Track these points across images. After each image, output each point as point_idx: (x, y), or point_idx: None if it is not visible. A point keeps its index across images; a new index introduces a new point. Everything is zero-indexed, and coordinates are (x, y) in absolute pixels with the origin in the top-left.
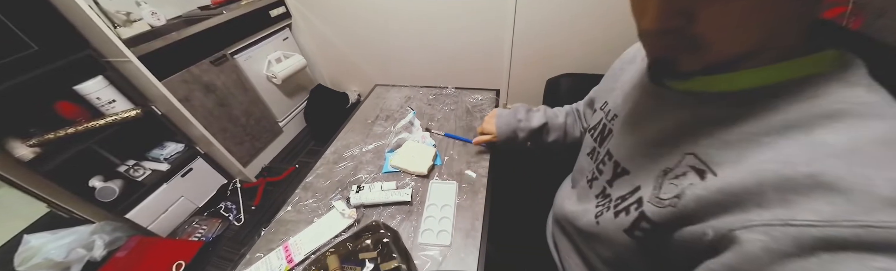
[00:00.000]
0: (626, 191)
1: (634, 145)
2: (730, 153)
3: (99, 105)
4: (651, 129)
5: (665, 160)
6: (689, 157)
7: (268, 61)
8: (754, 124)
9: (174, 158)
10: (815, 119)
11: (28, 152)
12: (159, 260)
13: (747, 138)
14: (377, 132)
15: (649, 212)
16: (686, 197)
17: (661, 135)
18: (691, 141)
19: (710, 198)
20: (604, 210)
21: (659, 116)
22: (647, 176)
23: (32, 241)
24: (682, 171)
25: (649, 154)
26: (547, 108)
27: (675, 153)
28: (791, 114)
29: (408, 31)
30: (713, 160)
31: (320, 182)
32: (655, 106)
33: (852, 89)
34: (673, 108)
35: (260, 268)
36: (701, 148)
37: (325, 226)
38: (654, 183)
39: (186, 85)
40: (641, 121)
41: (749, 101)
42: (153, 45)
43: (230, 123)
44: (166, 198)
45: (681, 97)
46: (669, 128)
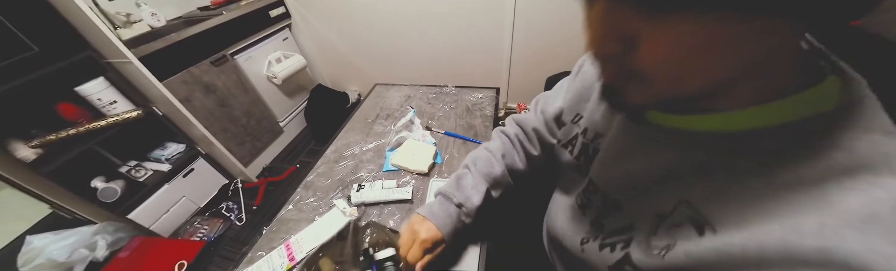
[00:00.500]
0: (619, 225)
1: (623, 179)
2: (730, 209)
3: (100, 106)
4: (638, 166)
5: (659, 203)
6: (684, 207)
7: (268, 61)
8: (755, 177)
9: (175, 159)
10: (827, 174)
11: (30, 153)
12: (161, 260)
13: (749, 193)
14: (377, 131)
15: (635, 258)
16: (676, 249)
17: (650, 175)
18: (684, 186)
19: (703, 257)
20: (591, 238)
21: (644, 154)
22: (641, 216)
23: (35, 242)
24: (679, 221)
25: (641, 192)
26: (476, 164)
27: (669, 198)
28: (799, 166)
29: (407, 31)
30: (712, 215)
31: (321, 181)
32: (637, 141)
33: (868, 135)
34: (658, 147)
35: (262, 267)
36: (696, 198)
37: (327, 225)
38: (649, 226)
39: (187, 85)
40: (626, 155)
41: (746, 147)
42: (153, 46)
43: (231, 123)
44: (168, 199)
45: (663, 134)
46: (658, 169)
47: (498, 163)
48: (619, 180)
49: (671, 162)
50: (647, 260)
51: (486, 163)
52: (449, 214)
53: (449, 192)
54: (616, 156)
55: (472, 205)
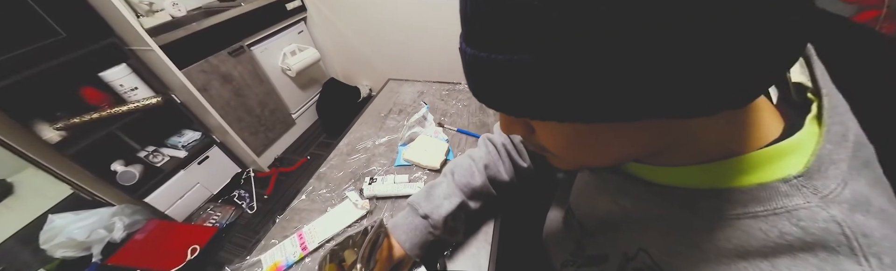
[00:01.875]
0: (595, 253)
1: (594, 215)
2: (684, 266)
3: (122, 92)
4: (602, 208)
5: (622, 244)
6: (643, 255)
7: (283, 54)
8: (708, 240)
9: (191, 146)
10: (779, 248)
11: (55, 135)
12: (175, 243)
13: (701, 256)
14: (390, 125)
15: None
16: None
17: (613, 217)
18: (643, 235)
19: None
20: (571, 263)
21: (606, 199)
22: (612, 250)
23: (57, 221)
24: (640, 267)
25: (609, 229)
26: (454, 173)
27: (631, 243)
28: (748, 236)
29: (421, 28)
30: (669, 268)
31: (334, 173)
32: (602, 182)
33: (825, 209)
34: (618, 193)
35: (275, 254)
36: (653, 248)
37: (338, 216)
38: (619, 263)
39: (205, 74)
40: (592, 194)
41: (702, 207)
42: (175, 35)
43: (245, 113)
44: (183, 184)
45: (624, 181)
46: (618, 216)
47: (479, 173)
48: (591, 215)
49: (626, 208)
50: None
51: (466, 173)
52: (414, 227)
53: (416, 202)
54: (585, 191)
55: (439, 216)
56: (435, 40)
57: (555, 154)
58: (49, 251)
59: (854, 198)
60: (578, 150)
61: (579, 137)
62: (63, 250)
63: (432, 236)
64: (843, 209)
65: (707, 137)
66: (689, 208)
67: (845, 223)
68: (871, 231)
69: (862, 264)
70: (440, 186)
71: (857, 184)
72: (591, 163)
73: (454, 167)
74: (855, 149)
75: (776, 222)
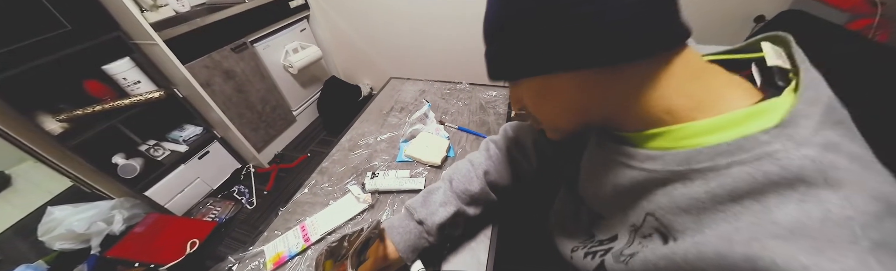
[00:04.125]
0: (606, 236)
1: (600, 195)
2: (687, 220)
3: (125, 85)
4: (609, 183)
5: (631, 215)
6: (650, 218)
7: (285, 51)
8: (704, 190)
9: (192, 140)
10: (765, 187)
11: (57, 127)
12: (174, 237)
13: (701, 205)
14: (392, 122)
15: (607, 265)
16: (637, 257)
17: (620, 189)
18: (650, 200)
19: (656, 263)
20: (581, 246)
21: (612, 171)
22: (622, 226)
23: (56, 213)
24: (648, 232)
25: (616, 205)
26: (453, 180)
27: (638, 210)
28: (738, 180)
29: (423, 27)
30: (673, 226)
31: (336, 167)
32: (606, 159)
33: (798, 150)
34: (622, 164)
35: (278, 245)
36: (660, 210)
37: (341, 209)
38: (628, 236)
39: (208, 70)
40: (598, 171)
41: (693, 163)
42: (178, 30)
43: (247, 109)
44: (183, 179)
45: (627, 152)
46: (625, 185)
47: (478, 179)
48: (599, 195)
49: (634, 177)
50: (616, 267)
51: (465, 179)
52: (408, 230)
53: (412, 207)
54: (591, 171)
55: (433, 224)
56: (436, 41)
57: (539, 120)
58: (47, 243)
59: (825, 142)
60: (545, 108)
61: (540, 96)
62: (61, 242)
63: (426, 242)
64: (815, 149)
65: (667, 101)
66: (684, 165)
67: (817, 159)
68: (840, 165)
69: (837, 192)
70: (438, 192)
71: (828, 133)
72: (561, 124)
73: (453, 173)
74: (827, 109)
75: (760, 165)
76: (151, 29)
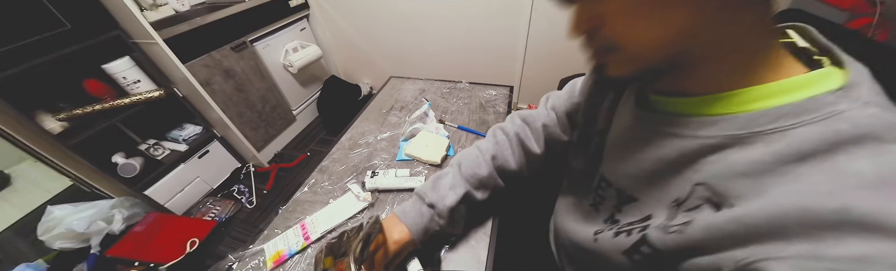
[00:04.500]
0: (636, 218)
1: (635, 173)
2: (746, 185)
3: (124, 84)
4: (649, 157)
5: (674, 189)
6: (700, 188)
7: (285, 50)
8: (767, 152)
9: (192, 140)
10: (835, 145)
11: (57, 126)
12: (174, 236)
13: (763, 168)
14: (392, 121)
15: (652, 237)
16: (695, 224)
17: (663, 163)
18: (699, 170)
19: (723, 228)
20: (606, 229)
21: (655, 143)
22: (657, 204)
23: (56, 212)
24: (695, 204)
25: (655, 182)
26: (461, 164)
27: (684, 183)
28: (806, 139)
29: (423, 27)
30: (729, 193)
31: (336, 166)
32: (648, 131)
33: (869, 109)
34: (670, 135)
35: (278, 244)
36: (712, 179)
37: (341, 208)
38: (666, 213)
39: (208, 69)
40: (635, 147)
41: (754, 126)
42: (178, 29)
43: (247, 109)
44: (183, 178)
45: (675, 121)
46: (672, 156)
47: (486, 164)
48: (631, 173)
49: (685, 147)
50: (666, 238)
51: (473, 164)
52: (421, 214)
53: (423, 192)
54: (624, 148)
55: (444, 206)
56: (436, 40)
57: (619, 42)
58: (47, 242)
59: (886, 104)
60: (639, 28)
61: (644, 11)
62: (61, 241)
63: (437, 225)
64: (880, 109)
65: (744, 56)
66: (746, 129)
67: (884, 117)
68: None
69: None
70: (446, 177)
71: (884, 98)
72: (649, 50)
73: (461, 158)
74: (872, 80)
75: (830, 124)
76: (151, 28)
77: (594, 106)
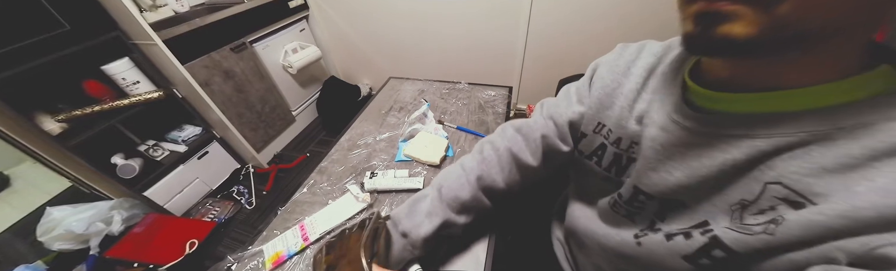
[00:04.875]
0: (686, 225)
1: (686, 181)
2: (831, 181)
3: (124, 85)
4: (710, 164)
5: (737, 192)
6: (774, 188)
7: (285, 51)
8: (855, 147)
9: (192, 141)
10: None
11: (56, 127)
12: (174, 237)
13: (852, 163)
14: (391, 122)
15: (727, 239)
16: (789, 223)
17: (726, 166)
18: (771, 169)
19: (829, 224)
20: (649, 232)
21: (718, 148)
22: (713, 209)
23: (55, 213)
24: (768, 205)
25: (712, 186)
26: (442, 187)
27: (752, 184)
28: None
29: (422, 27)
30: (811, 190)
31: (335, 167)
32: (703, 134)
33: None
34: (738, 136)
35: (277, 245)
36: (790, 177)
37: (340, 208)
38: (727, 217)
39: (207, 70)
40: (690, 155)
41: (837, 121)
42: (178, 30)
43: (246, 109)
44: (182, 179)
45: (741, 121)
46: (739, 158)
47: (469, 185)
48: (679, 181)
49: (757, 148)
50: (749, 239)
51: (455, 186)
52: (392, 242)
53: (397, 218)
54: (669, 156)
55: (418, 236)
56: (436, 40)
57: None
58: (46, 243)
59: None
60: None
61: None
62: (60, 243)
63: (410, 254)
64: None
65: (862, 38)
66: (828, 125)
67: None
68: None
69: None
70: (424, 201)
71: None
72: (813, 13)
73: (443, 180)
74: None
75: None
76: (151, 29)
77: (603, 114)
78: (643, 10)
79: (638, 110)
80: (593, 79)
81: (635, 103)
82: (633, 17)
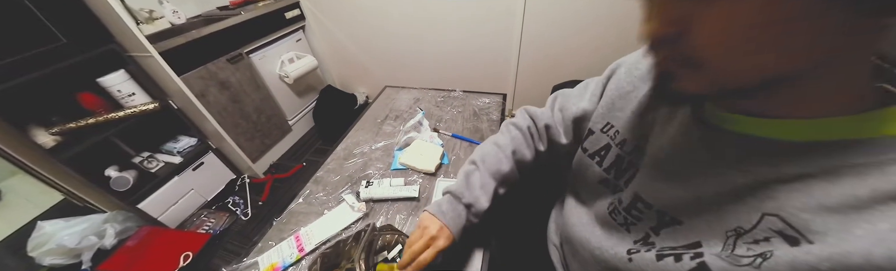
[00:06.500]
0: (679, 244)
1: (687, 197)
2: (829, 220)
3: (119, 97)
4: (709, 181)
5: (734, 217)
6: (771, 220)
7: (281, 61)
8: (861, 187)
9: (187, 152)
10: None
11: (49, 140)
12: (168, 250)
13: (855, 204)
14: (386, 131)
15: (715, 268)
16: (777, 259)
17: (727, 189)
18: (771, 199)
19: (816, 266)
20: (643, 249)
21: (720, 166)
22: (709, 232)
23: (46, 227)
24: (763, 236)
25: (711, 208)
26: (484, 161)
27: (750, 212)
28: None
29: (417, 36)
30: (808, 227)
31: (331, 176)
32: (713, 152)
33: None
34: (742, 158)
35: (272, 256)
36: (789, 210)
37: (335, 218)
38: (721, 242)
39: (203, 81)
40: (694, 169)
41: (847, 157)
42: (174, 42)
43: (242, 120)
44: (177, 191)
45: (752, 144)
46: (741, 182)
47: (507, 159)
48: (682, 196)
49: (759, 174)
50: (736, 270)
51: (495, 160)
52: (458, 214)
53: (458, 192)
54: (677, 169)
55: (481, 207)
56: (431, 49)
57: (704, 59)
58: (37, 258)
59: None
60: (745, 45)
61: (761, 26)
62: (52, 257)
63: (470, 223)
64: None
65: (846, 80)
66: (837, 161)
67: None
68: None
69: None
70: (474, 175)
71: None
72: (741, 71)
73: (483, 155)
74: None
75: None
76: (147, 41)
77: (614, 114)
78: (636, 16)
79: (649, 118)
80: (611, 79)
81: (647, 110)
82: (625, 23)
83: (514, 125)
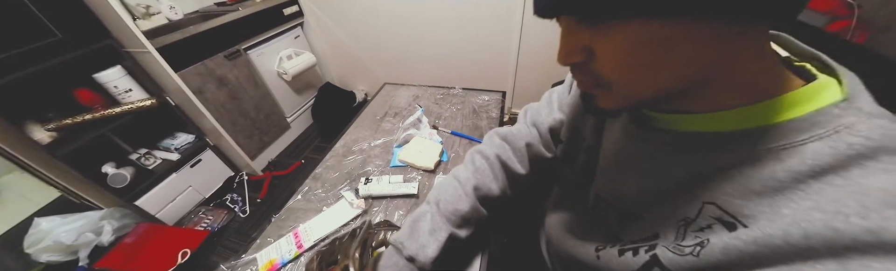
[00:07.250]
0: (640, 237)
1: (638, 192)
2: (759, 203)
3: (116, 93)
4: (653, 176)
5: (681, 208)
6: (709, 208)
7: (279, 58)
8: (780, 169)
9: (185, 149)
10: (849, 160)
11: (45, 136)
12: (165, 247)
13: (777, 186)
14: (385, 128)
15: (664, 259)
16: (712, 246)
17: (669, 182)
18: (707, 188)
19: (744, 250)
20: (608, 245)
21: (659, 161)
22: (664, 223)
23: (43, 224)
24: (705, 224)
25: (660, 201)
26: (440, 202)
27: (693, 201)
28: (819, 155)
29: (417, 33)
30: (741, 212)
31: (329, 173)
32: (648, 150)
33: (872, 121)
34: (675, 152)
35: (271, 252)
36: (722, 197)
37: (334, 215)
38: (674, 232)
39: (201, 77)
40: (636, 166)
41: (765, 142)
42: (171, 38)
43: (240, 117)
44: (175, 188)
45: (680, 139)
46: (678, 174)
47: (467, 197)
48: (633, 192)
49: (692, 165)
50: (680, 260)
51: (453, 199)
52: (399, 269)
53: (399, 241)
54: (622, 168)
55: (426, 258)
56: (430, 46)
57: (610, 81)
58: (34, 255)
59: (888, 115)
60: (639, 68)
61: (645, 51)
62: (48, 254)
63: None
64: (886, 120)
65: (746, 77)
66: (755, 146)
67: (893, 128)
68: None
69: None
70: (424, 219)
71: (881, 107)
72: (644, 89)
73: (439, 194)
74: (866, 90)
75: (840, 138)
76: (144, 37)
77: (578, 121)
78: None
79: (601, 122)
80: (574, 85)
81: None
82: None
83: (480, 153)
